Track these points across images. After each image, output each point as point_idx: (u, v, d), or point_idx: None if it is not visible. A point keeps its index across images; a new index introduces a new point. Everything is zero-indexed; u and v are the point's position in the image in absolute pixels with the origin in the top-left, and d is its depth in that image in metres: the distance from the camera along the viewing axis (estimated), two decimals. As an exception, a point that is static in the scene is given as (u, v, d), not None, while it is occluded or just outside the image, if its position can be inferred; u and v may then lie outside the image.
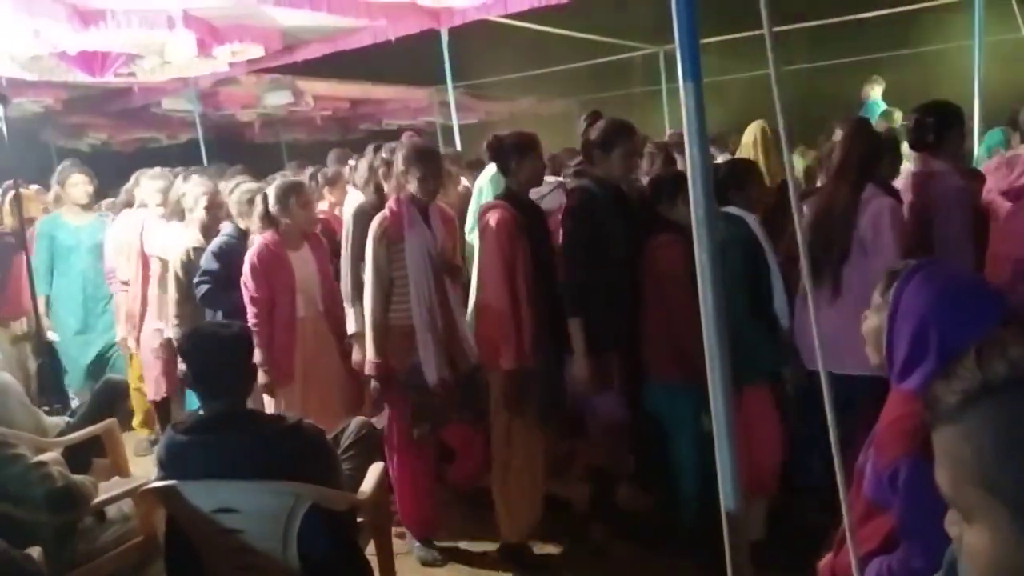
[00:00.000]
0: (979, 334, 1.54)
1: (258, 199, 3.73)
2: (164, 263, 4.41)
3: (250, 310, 3.58)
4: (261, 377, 3.50)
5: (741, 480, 1.79)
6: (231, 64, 5.97)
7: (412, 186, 3.26)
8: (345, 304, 3.67)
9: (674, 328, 2.95)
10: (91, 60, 5.12)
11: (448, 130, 7.28)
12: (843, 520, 1.55)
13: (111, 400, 3.84)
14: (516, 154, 3.22)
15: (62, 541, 2.68)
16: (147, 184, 4.88)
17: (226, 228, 4.01)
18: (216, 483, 2.27)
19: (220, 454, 2.25)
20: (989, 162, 3.84)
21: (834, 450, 1.51)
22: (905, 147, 3.74)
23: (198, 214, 4.21)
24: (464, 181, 4.64)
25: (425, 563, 3.41)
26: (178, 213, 4.50)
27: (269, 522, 2.29)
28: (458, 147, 6.21)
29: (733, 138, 5.22)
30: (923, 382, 1.63)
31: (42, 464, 2.58)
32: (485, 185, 4.09)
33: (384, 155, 3.72)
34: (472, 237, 3.78)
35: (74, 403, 4.87)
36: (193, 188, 4.34)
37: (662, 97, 8.33)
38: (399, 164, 3.32)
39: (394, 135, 12.20)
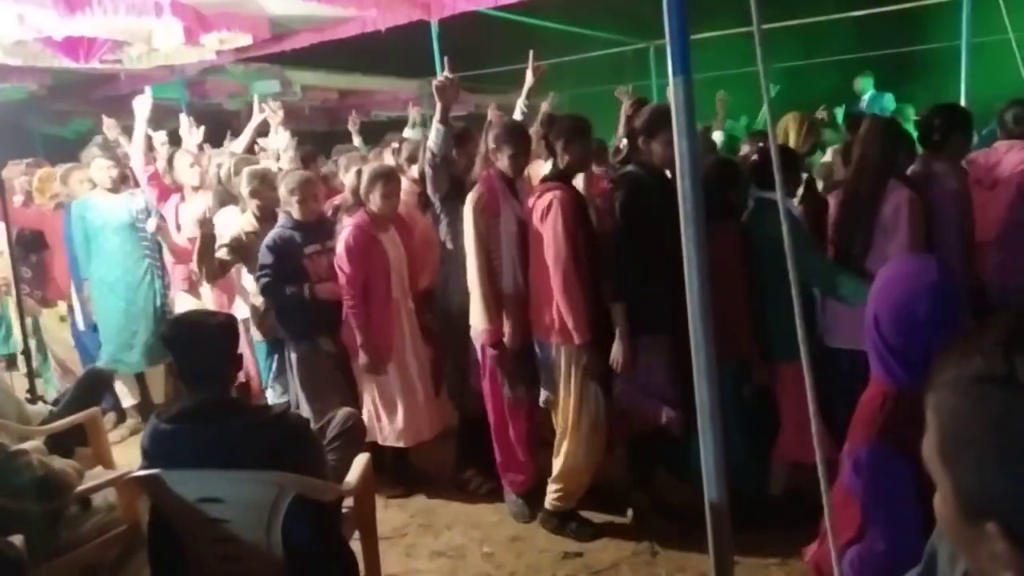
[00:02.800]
0: (929, 314, 1.60)
1: (350, 176, 3.81)
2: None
3: (346, 291, 3.67)
4: (361, 358, 3.71)
5: (725, 471, 1.81)
6: (219, 52, 5.92)
7: (502, 163, 3.41)
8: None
9: (720, 308, 2.86)
10: (76, 46, 5.07)
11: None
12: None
13: (95, 389, 3.82)
14: (569, 136, 3.27)
15: (46, 529, 2.67)
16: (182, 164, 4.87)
17: (281, 219, 3.90)
18: (200, 472, 2.26)
19: (205, 443, 2.25)
20: (974, 153, 4.02)
21: (816, 441, 1.53)
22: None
23: (250, 200, 4.11)
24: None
25: (517, 518, 3.63)
26: (228, 195, 4.44)
27: (253, 512, 2.28)
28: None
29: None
30: (887, 366, 1.71)
31: (22, 452, 2.57)
32: None
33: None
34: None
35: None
36: (245, 172, 4.20)
37: (652, 92, 8.34)
38: (489, 142, 3.46)
39: (383, 126, 12.12)
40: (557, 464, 3.44)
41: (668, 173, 3.29)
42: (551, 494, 3.48)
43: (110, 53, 5.36)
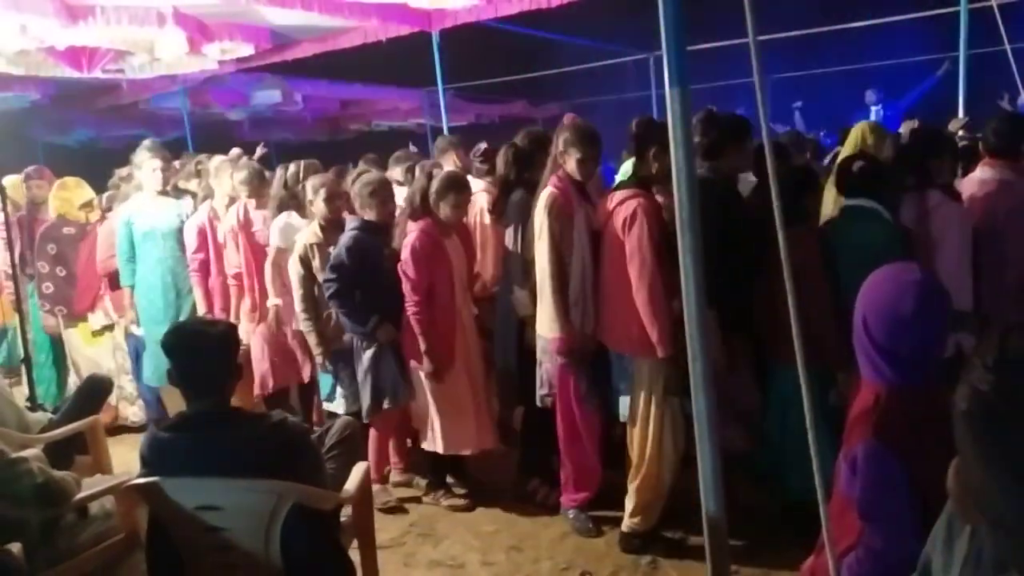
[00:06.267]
0: (904, 314, 1.67)
1: (415, 188, 3.79)
2: (281, 251, 4.25)
3: (410, 297, 3.62)
4: (426, 365, 3.66)
5: (721, 484, 1.81)
6: (221, 62, 5.96)
7: (570, 166, 3.31)
8: (515, 286, 3.73)
9: (808, 313, 2.60)
10: (79, 56, 5.11)
11: (438, 132, 7.29)
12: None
13: (95, 397, 3.82)
14: (664, 144, 3.13)
15: (44, 538, 2.67)
16: (238, 175, 4.62)
17: (352, 222, 3.87)
18: (199, 480, 2.27)
19: (204, 452, 2.25)
20: None
21: (812, 451, 1.54)
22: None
23: (318, 207, 4.00)
24: None
25: (582, 533, 3.51)
26: (286, 203, 4.35)
27: (252, 520, 2.28)
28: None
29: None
30: (876, 367, 1.75)
31: (22, 460, 2.57)
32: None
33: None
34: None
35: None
36: (312, 180, 4.12)
37: (652, 103, 8.38)
38: (559, 144, 3.35)
39: (384, 136, 12.12)
40: (634, 485, 3.31)
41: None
42: (630, 517, 3.35)
43: (112, 63, 5.41)
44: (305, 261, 3.97)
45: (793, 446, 3.14)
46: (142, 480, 2.30)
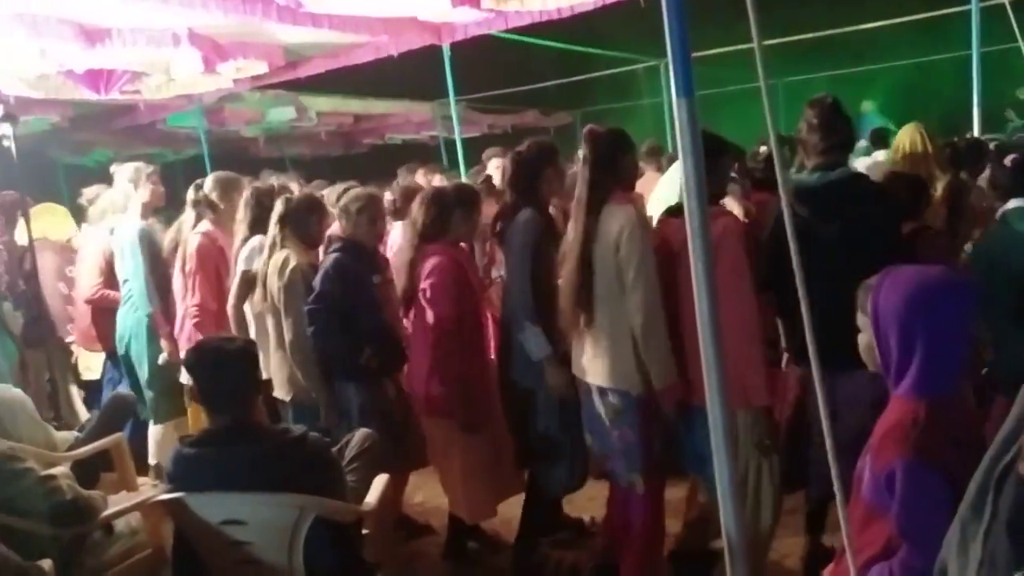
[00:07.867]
0: (958, 320, 1.62)
1: (416, 202, 3.33)
2: (250, 279, 3.71)
3: (439, 338, 3.07)
4: (463, 418, 3.12)
5: (742, 508, 1.79)
6: (235, 80, 6.02)
7: (636, 178, 2.95)
8: (526, 323, 3.03)
9: None
10: (97, 78, 5.19)
11: (451, 144, 7.33)
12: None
13: (120, 415, 3.86)
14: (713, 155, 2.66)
15: (71, 555, 2.71)
16: (211, 177, 4.36)
17: (335, 243, 3.47)
18: (223, 495, 2.30)
19: (227, 466, 2.29)
20: None
21: (830, 459, 1.54)
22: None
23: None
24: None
25: None
26: (259, 221, 3.81)
27: (275, 534, 2.31)
28: (460, 161, 6.24)
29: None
30: (918, 379, 1.67)
31: (51, 478, 2.62)
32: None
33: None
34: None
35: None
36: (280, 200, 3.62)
37: (664, 109, 8.37)
38: (605, 152, 2.80)
39: (397, 149, 12.17)
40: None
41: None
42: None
43: (129, 84, 5.49)
44: (306, 282, 3.37)
45: None
46: (167, 496, 2.34)
